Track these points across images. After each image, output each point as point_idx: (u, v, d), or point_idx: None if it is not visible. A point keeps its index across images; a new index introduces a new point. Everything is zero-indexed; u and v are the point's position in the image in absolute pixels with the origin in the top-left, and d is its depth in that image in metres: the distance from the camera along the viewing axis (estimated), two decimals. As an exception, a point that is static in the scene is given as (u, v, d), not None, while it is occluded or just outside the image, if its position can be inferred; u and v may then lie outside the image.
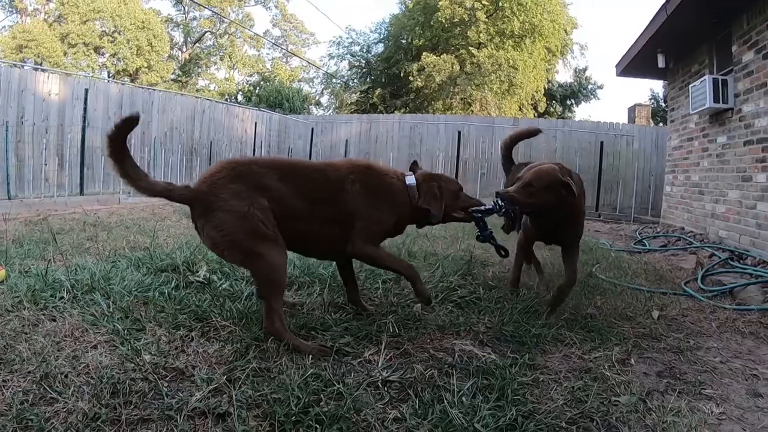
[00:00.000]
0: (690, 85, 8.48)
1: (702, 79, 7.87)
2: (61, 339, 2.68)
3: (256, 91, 35.53)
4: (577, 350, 2.93)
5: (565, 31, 27.47)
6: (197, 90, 37.69)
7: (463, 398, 2.20)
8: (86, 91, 11.77)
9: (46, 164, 10.95)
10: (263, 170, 2.90)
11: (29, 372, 2.29)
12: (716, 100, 7.47)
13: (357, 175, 3.15)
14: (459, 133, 17.35)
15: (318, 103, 38.37)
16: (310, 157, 18.63)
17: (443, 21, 25.07)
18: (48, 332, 2.73)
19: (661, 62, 9.71)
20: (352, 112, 29.55)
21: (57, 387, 2.17)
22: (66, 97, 11.53)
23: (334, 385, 2.29)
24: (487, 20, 24.92)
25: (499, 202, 3.38)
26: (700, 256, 6.51)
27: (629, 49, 10.45)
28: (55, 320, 2.91)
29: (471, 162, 17.38)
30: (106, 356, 2.49)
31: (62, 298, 3.21)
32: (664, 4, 8.05)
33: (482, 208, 3.40)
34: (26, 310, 3.00)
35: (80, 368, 2.35)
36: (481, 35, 24.81)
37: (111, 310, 3.05)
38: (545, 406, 2.20)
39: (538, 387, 2.46)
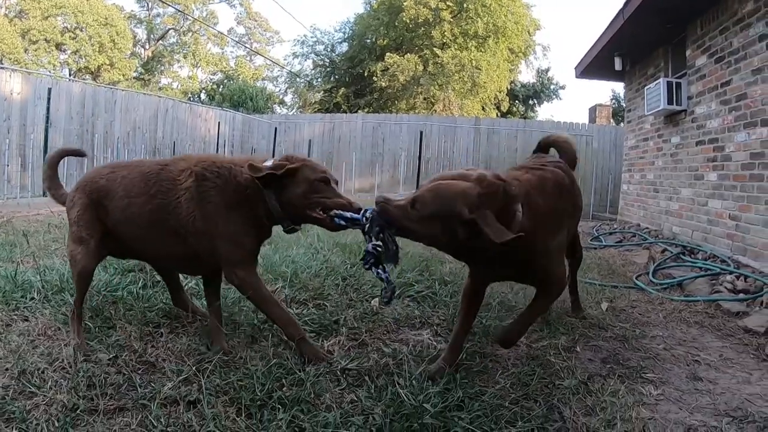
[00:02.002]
0: (645, 87, 8.74)
1: (657, 81, 8.13)
2: (35, 337, 2.77)
3: (220, 89, 35.16)
4: (525, 339, 3.07)
5: (528, 32, 27.80)
6: (160, 88, 37.14)
7: (414, 382, 2.33)
8: (49, 90, 11.57)
9: (8, 165, 10.73)
10: (111, 175, 2.79)
11: (6, 369, 2.37)
12: (670, 102, 7.74)
13: (195, 172, 2.65)
14: (421, 133, 17.51)
15: (282, 102, 38.14)
16: (273, 155, 18.51)
17: (407, 21, 25.16)
18: (22, 331, 2.81)
19: (618, 65, 9.98)
20: (315, 111, 29.46)
21: (35, 382, 2.26)
22: (28, 96, 11.31)
23: (296, 373, 2.41)
24: (451, 21, 25.12)
25: (368, 213, 2.39)
26: (653, 251, 6.75)
27: (588, 51, 10.69)
28: (27, 320, 3.00)
29: (433, 161, 17.55)
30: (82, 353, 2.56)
31: (33, 298, 3.28)
32: (621, 9, 8.26)
33: (347, 214, 2.49)
34: None
35: (56, 364, 2.43)
36: (445, 35, 25.00)
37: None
38: (491, 389, 2.36)
39: (486, 372, 2.62)
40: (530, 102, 31.21)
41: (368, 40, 27.84)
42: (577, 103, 63.59)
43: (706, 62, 7.05)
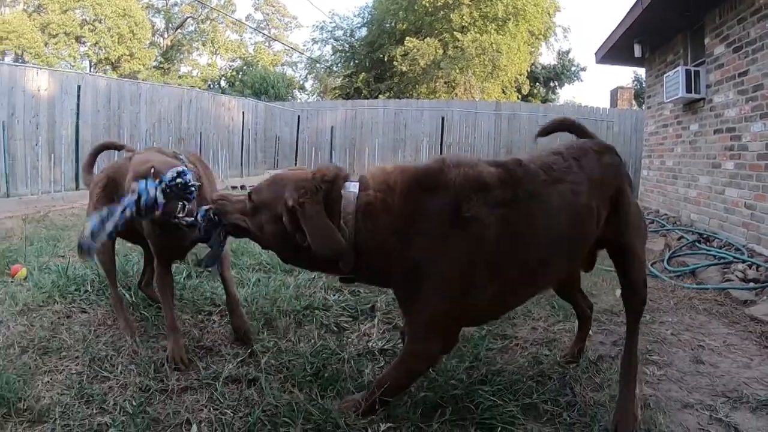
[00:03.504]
0: (665, 75, 8.82)
1: (676, 69, 8.21)
2: (96, 327, 3.07)
3: (239, 76, 35.43)
4: (543, 323, 3.37)
5: (548, 14, 27.63)
6: (180, 77, 37.41)
7: (443, 359, 2.58)
8: (78, 87, 11.85)
9: (38, 160, 11.04)
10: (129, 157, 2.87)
11: (77, 357, 2.67)
12: (689, 90, 7.81)
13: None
14: (442, 119, 17.66)
15: (302, 88, 38.36)
16: (296, 145, 18.91)
17: (427, 5, 25.14)
18: (83, 322, 3.12)
19: (637, 52, 10.04)
20: (336, 97, 29.64)
21: (106, 367, 2.56)
22: (55, 92, 11.57)
23: (339, 353, 2.73)
24: (470, 4, 25.06)
25: (204, 213, 2.20)
26: (669, 238, 6.91)
27: (607, 38, 10.76)
28: (86, 312, 3.30)
29: (455, 146, 17.73)
30: (142, 341, 2.88)
31: (87, 291, 3.56)
32: (639, -4, 8.36)
33: (183, 218, 2.33)
34: (57, 305, 3.37)
35: (122, 351, 2.74)
36: (464, 19, 24.97)
37: (135, 299, 3.40)
38: (511, 366, 2.65)
39: (507, 352, 2.93)
40: (551, 84, 31.01)
41: (387, 25, 27.83)
42: (598, 85, 62.97)
43: (724, 51, 7.12)
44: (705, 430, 2.24)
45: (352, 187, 2.00)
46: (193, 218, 2.25)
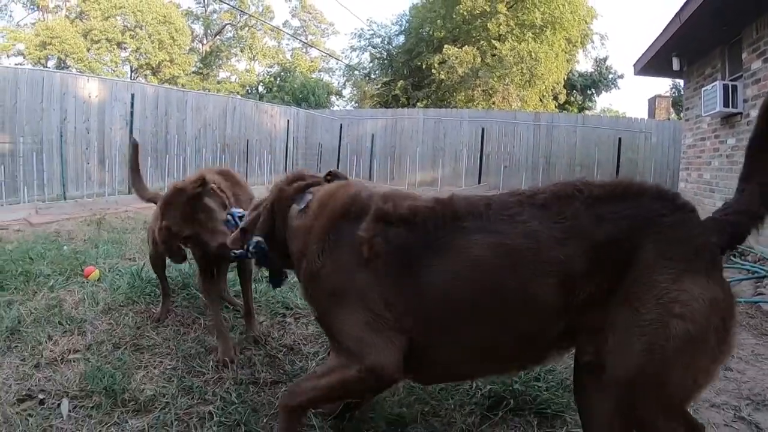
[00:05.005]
0: (703, 89, 8.96)
1: (713, 84, 8.37)
2: (180, 326, 3.41)
3: (277, 82, 36.12)
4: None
5: (585, 21, 27.61)
6: (218, 82, 38.29)
7: None
8: (132, 96, 12.45)
9: (88, 163, 11.62)
10: None
11: (168, 353, 3.00)
12: (726, 104, 7.97)
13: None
14: (483, 129, 18.00)
15: (338, 94, 38.92)
16: (338, 151, 19.35)
17: (464, 13, 25.39)
18: (167, 322, 3.46)
19: (676, 65, 10.23)
20: (375, 105, 30.09)
21: (198, 363, 2.88)
22: (105, 98, 12.17)
23: None
24: (507, 13, 25.24)
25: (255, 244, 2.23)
26: (705, 251, 7.06)
27: (646, 51, 10.94)
28: (169, 312, 3.63)
29: (493, 155, 18.06)
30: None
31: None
32: (678, 12, 8.53)
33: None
34: (137, 305, 3.72)
35: (209, 349, 3.06)
36: (501, 27, 25.16)
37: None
38: (560, 366, 2.89)
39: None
40: (588, 92, 30.94)
41: (425, 33, 28.15)
42: (636, 92, 62.27)
43: (761, 66, 7.25)
44: (729, 427, 2.53)
45: (304, 201, 2.13)
46: (242, 251, 2.32)
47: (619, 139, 16.28)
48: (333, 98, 36.81)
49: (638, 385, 1.58)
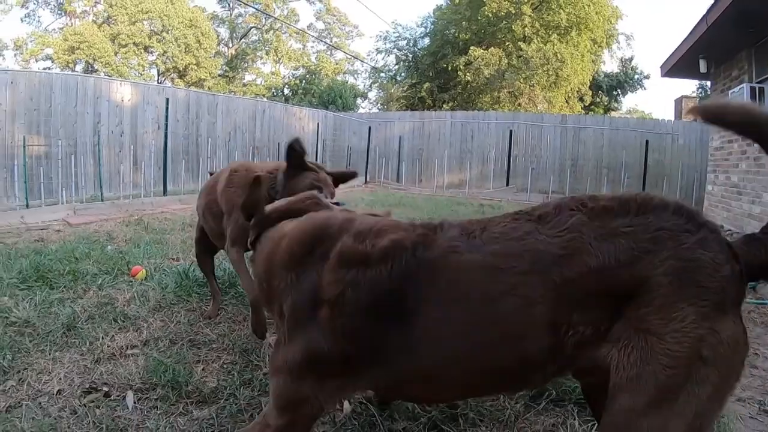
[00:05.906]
0: (730, 91, 8.98)
1: (740, 86, 8.39)
2: (232, 323, 3.55)
3: (303, 84, 36.45)
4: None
5: (611, 21, 27.40)
6: (244, 85, 38.76)
7: None
8: (167, 100, 12.70)
9: (122, 164, 11.88)
10: None
11: (224, 349, 3.13)
12: (753, 106, 7.97)
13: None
14: (511, 131, 18.12)
15: (364, 96, 39.12)
16: (367, 153, 19.55)
17: (489, 15, 25.38)
18: (218, 319, 3.61)
19: (702, 67, 10.22)
20: (401, 107, 30.23)
21: (255, 358, 3.00)
22: (138, 102, 12.42)
23: None
24: (532, 14, 25.20)
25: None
26: (733, 254, 7.08)
27: (672, 53, 10.95)
28: (221, 308, 3.78)
29: (521, 158, 18.19)
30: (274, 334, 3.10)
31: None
32: (704, 15, 8.56)
33: None
34: (188, 303, 3.87)
35: (263, 344, 3.17)
36: (526, 29, 25.13)
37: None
38: None
39: None
40: (614, 93, 30.71)
41: (450, 35, 28.22)
42: (662, 93, 61.38)
43: (788, 68, 7.30)
44: (755, 419, 2.67)
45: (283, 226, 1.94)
46: None
47: (647, 141, 16.27)
48: (359, 101, 37.04)
49: (644, 427, 1.34)
